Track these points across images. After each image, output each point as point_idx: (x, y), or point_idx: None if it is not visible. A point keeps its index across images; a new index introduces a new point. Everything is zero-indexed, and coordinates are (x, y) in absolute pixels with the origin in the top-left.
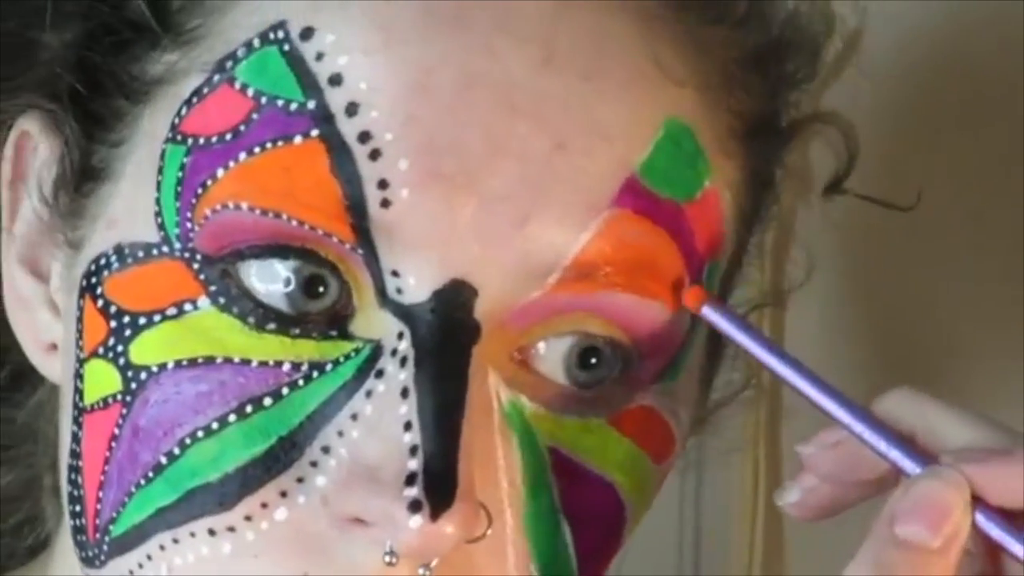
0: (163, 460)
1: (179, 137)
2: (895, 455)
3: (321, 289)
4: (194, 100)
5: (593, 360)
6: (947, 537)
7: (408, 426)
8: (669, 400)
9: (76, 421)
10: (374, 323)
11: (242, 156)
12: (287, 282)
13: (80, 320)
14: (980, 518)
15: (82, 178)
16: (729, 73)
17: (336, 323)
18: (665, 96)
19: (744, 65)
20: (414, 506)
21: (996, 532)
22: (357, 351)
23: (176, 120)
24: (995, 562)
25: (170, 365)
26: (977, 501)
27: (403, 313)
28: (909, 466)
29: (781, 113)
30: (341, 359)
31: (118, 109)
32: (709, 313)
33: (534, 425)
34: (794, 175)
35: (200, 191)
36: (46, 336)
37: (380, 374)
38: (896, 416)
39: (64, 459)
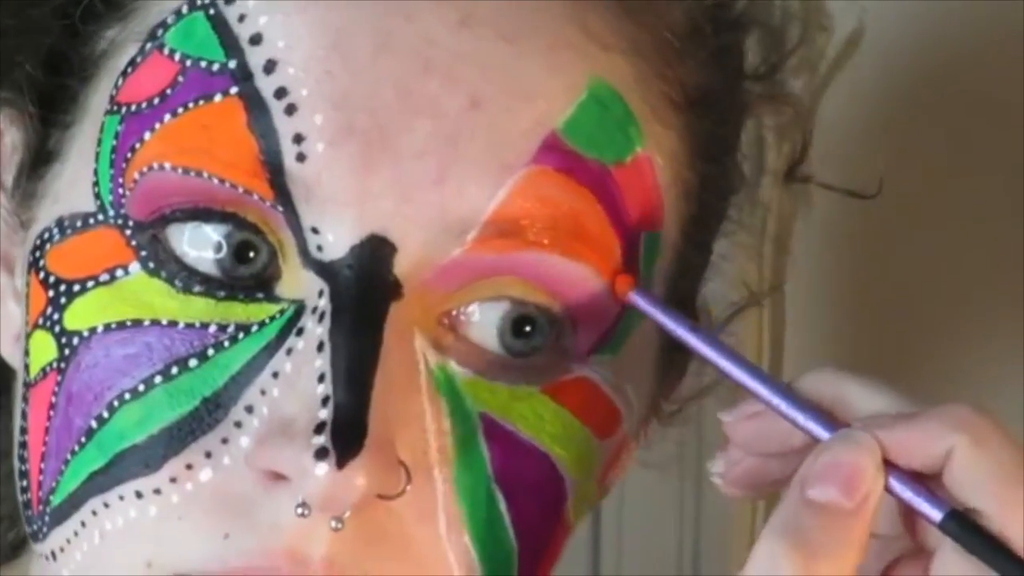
0: (93, 424)
1: (115, 108)
2: (810, 425)
3: (252, 254)
4: (128, 70)
5: (527, 328)
6: (861, 497)
7: (322, 378)
8: (611, 374)
9: (24, 398)
10: (299, 283)
11: (167, 118)
12: (218, 247)
13: (28, 297)
14: (892, 481)
15: (38, 162)
16: (663, 41)
17: (263, 286)
18: (590, 58)
19: (680, 35)
20: (321, 453)
21: (908, 494)
22: (282, 312)
23: (113, 92)
24: (915, 537)
25: (100, 329)
26: (889, 465)
27: (323, 270)
28: (822, 434)
29: (729, 89)
30: (267, 320)
31: (71, 92)
32: (635, 298)
33: (464, 390)
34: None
35: (129, 155)
36: (13, 328)
37: (300, 332)
38: (815, 391)
39: (15, 440)
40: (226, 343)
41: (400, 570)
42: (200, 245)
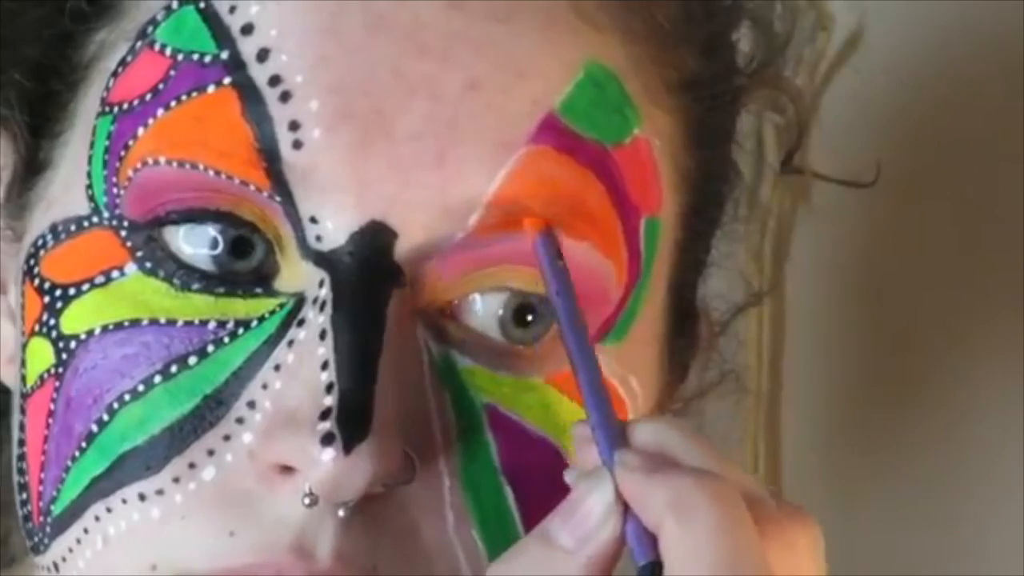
0: (94, 428)
1: (107, 108)
2: (599, 437)
3: (248, 250)
4: (119, 70)
5: (529, 317)
6: (580, 539)
7: (325, 365)
8: (615, 364)
9: (22, 410)
10: (298, 276)
11: (160, 112)
12: (214, 244)
13: (23, 307)
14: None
15: (29, 173)
16: (657, 25)
17: (262, 281)
18: (585, 40)
19: (672, 21)
20: (327, 439)
21: (629, 534)
22: (282, 306)
23: (104, 93)
24: None
25: (97, 331)
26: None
27: (323, 260)
28: (603, 451)
29: (723, 76)
30: (266, 315)
31: (60, 100)
32: (538, 244)
33: (468, 381)
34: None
35: (123, 153)
36: (7, 348)
37: (302, 323)
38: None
39: (14, 454)
40: (226, 339)
41: (407, 562)
42: (196, 242)
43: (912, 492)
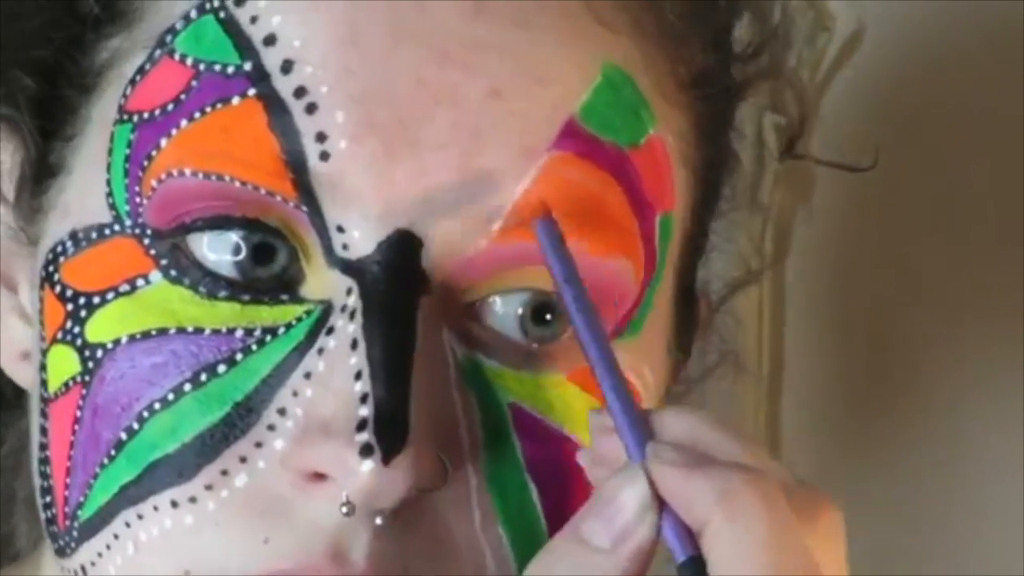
0: (123, 436)
1: (125, 116)
2: (626, 436)
3: (271, 256)
4: (137, 78)
5: (548, 316)
6: (615, 537)
7: (358, 376)
8: (632, 358)
9: (43, 414)
10: (324, 284)
11: (183, 123)
12: (236, 249)
13: (42, 312)
14: (665, 519)
15: (40, 176)
16: (667, 23)
17: (287, 288)
18: (601, 43)
19: (682, 16)
20: (366, 450)
21: (667, 530)
22: (309, 313)
23: (122, 101)
24: None
25: (124, 340)
26: (664, 505)
27: (350, 268)
28: (632, 449)
29: (728, 67)
30: (293, 322)
31: (70, 104)
32: (538, 231)
33: (492, 382)
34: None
35: (146, 163)
36: (18, 345)
37: (331, 331)
38: (670, 425)
39: (35, 457)
40: (254, 347)
41: (438, 563)
42: (219, 248)
43: (910, 489)
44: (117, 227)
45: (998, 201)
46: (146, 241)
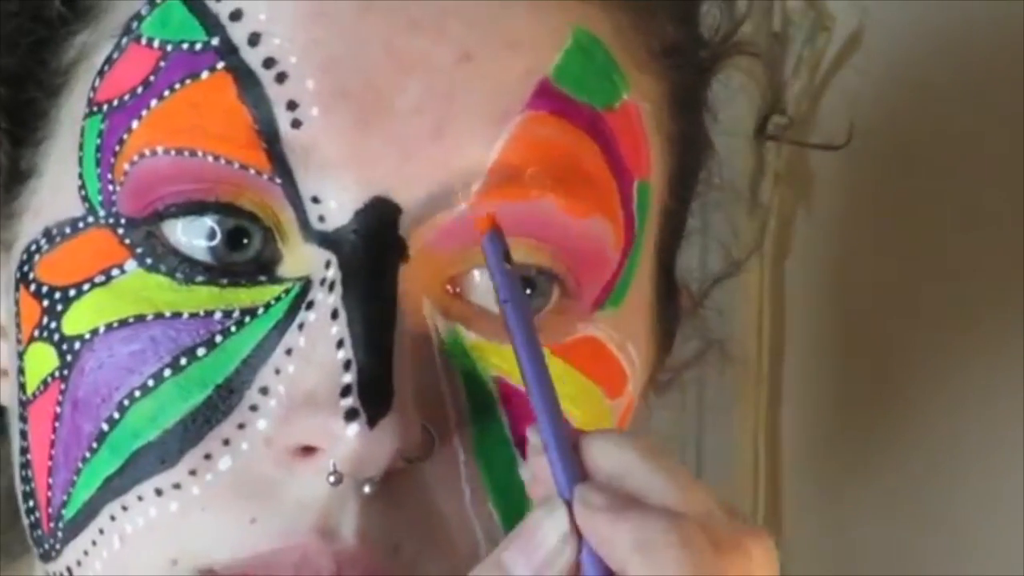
0: (104, 427)
1: (95, 108)
2: (556, 467)
3: (245, 240)
4: (106, 68)
5: (527, 291)
6: (535, 567)
7: (340, 344)
8: (615, 332)
9: (22, 418)
10: (302, 260)
11: (153, 103)
12: (211, 234)
13: (18, 315)
14: (584, 554)
15: (11, 184)
16: None
17: (264, 270)
18: (571, 10)
19: None
20: (351, 414)
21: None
22: (287, 291)
23: (91, 94)
24: None
25: (101, 329)
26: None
27: (327, 241)
28: (559, 477)
29: (699, 39)
30: (272, 301)
31: (39, 108)
32: (485, 244)
33: (476, 355)
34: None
35: (118, 148)
36: None
37: (311, 305)
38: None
39: (16, 464)
40: (233, 328)
41: (429, 539)
42: (194, 233)
43: (910, 489)
44: (91, 219)
45: (998, 201)
46: (120, 231)
